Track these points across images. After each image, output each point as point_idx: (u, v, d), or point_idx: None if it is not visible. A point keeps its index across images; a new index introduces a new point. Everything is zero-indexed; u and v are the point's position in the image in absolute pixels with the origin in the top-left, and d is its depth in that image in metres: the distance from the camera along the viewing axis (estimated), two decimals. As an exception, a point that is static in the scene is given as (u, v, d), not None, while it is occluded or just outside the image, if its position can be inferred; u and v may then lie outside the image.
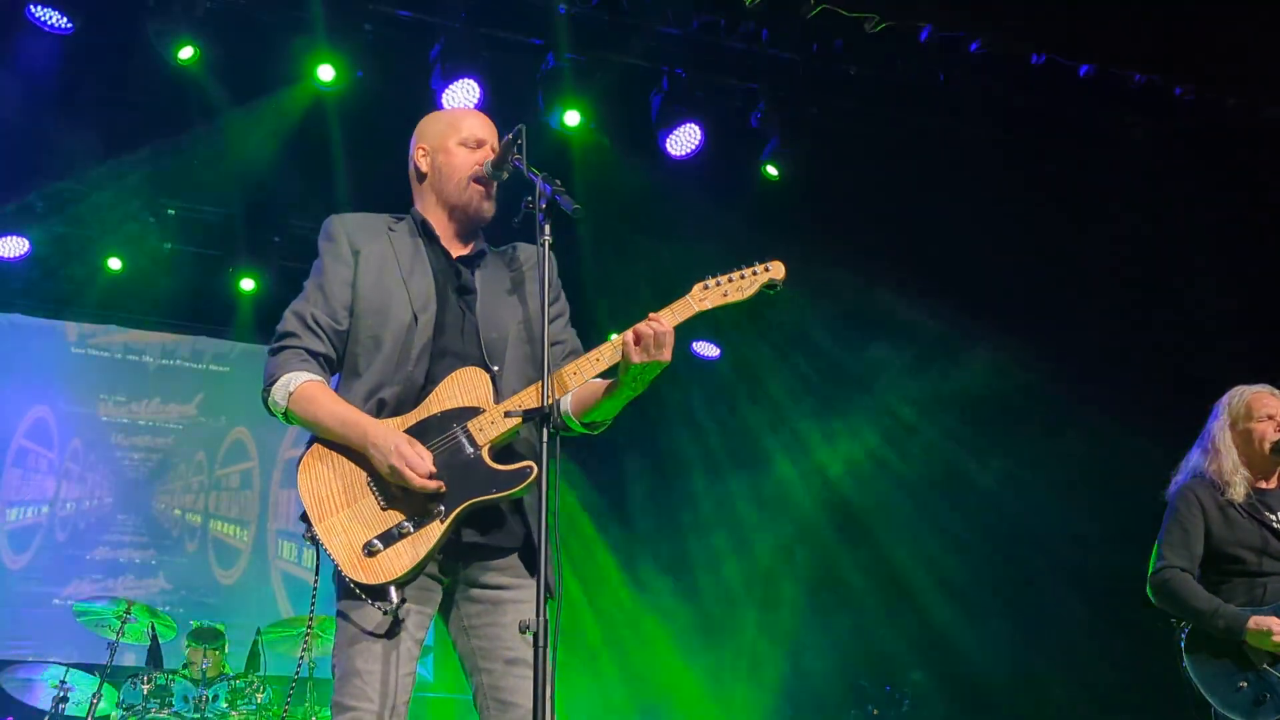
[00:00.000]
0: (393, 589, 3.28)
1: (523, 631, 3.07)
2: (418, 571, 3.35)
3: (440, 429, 3.45)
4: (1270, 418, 5.21)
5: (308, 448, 3.51)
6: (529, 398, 3.45)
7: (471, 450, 3.42)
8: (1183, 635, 5.01)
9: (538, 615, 3.07)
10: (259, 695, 6.96)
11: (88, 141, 8.39)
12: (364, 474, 3.43)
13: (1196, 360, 8.14)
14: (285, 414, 3.49)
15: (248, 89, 8.12)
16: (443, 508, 3.36)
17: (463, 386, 3.54)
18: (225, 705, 6.91)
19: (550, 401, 3.33)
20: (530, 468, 3.35)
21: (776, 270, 3.61)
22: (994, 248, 8.62)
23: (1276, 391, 5.32)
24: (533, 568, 3.48)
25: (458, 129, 3.86)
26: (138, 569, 9.65)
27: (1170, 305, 8.61)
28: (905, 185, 8.66)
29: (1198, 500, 5.26)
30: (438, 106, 7.80)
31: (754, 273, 3.61)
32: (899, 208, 8.83)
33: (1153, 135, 8.33)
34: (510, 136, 3.59)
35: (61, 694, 7.07)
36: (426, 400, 3.52)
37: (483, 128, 3.86)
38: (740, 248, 9.08)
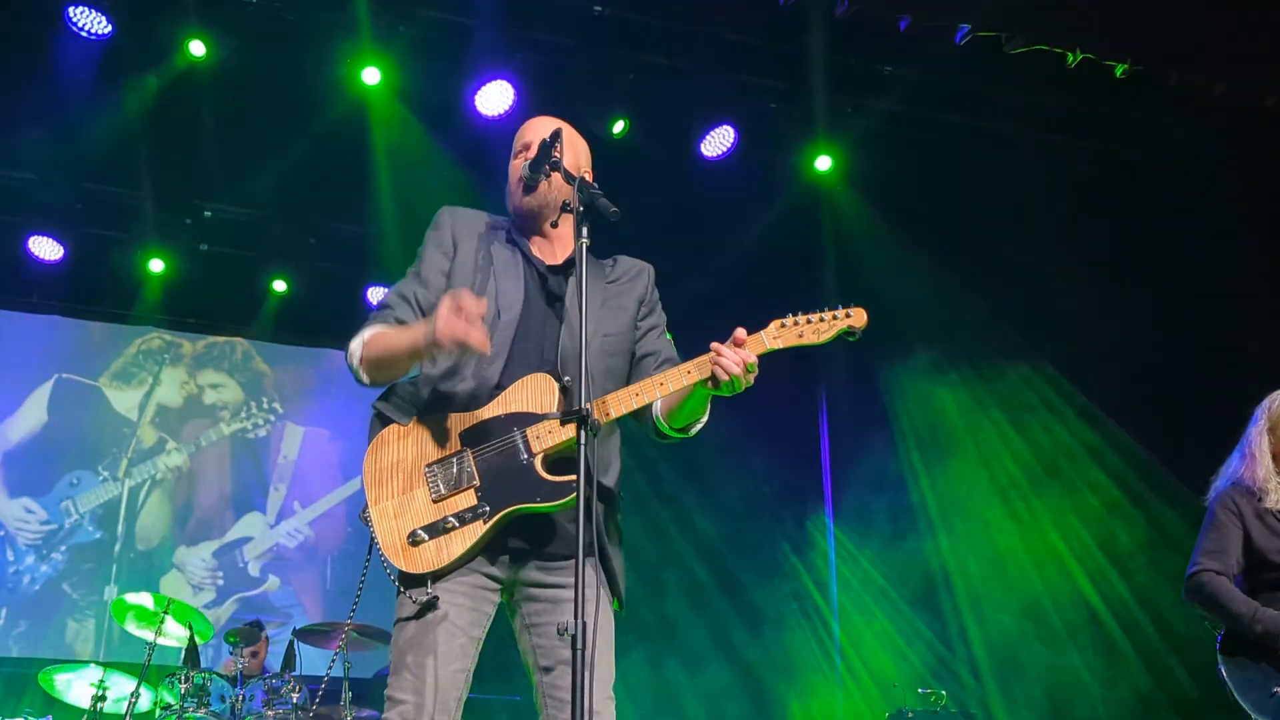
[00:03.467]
0: (429, 580, 3.36)
1: (560, 634, 3.10)
2: (455, 567, 3.41)
3: (501, 430, 3.50)
4: None
5: (382, 427, 3.61)
6: (603, 407, 3.50)
7: (525, 456, 3.46)
8: (1219, 638, 4.98)
9: (576, 617, 3.04)
10: (294, 695, 6.93)
11: (124, 143, 8.44)
12: (423, 465, 3.51)
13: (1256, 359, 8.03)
14: (361, 364, 3.56)
15: (283, 92, 8.09)
16: (488, 508, 3.41)
17: (530, 392, 3.57)
18: (262, 705, 6.91)
19: (588, 404, 3.29)
20: (574, 480, 3.28)
21: (859, 318, 3.58)
22: (1032, 245, 8.54)
23: None
24: (605, 571, 3.52)
25: (517, 139, 3.96)
26: (180, 567, 9.71)
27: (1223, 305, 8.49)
28: (941, 187, 8.61)
29: (1236, 507, 5.20)
30: (472, 109, 7.83)
31: (834, 316, 3.58)
32: (935, 209, 8.78)
33: (1192, 135, 8.24)
34: (547, 139, 3.64)
35: (100, 693, 7.10)
36: (494, 400, 3.57)
37: (528, 131, 3.94)
38: (778, 247, 9.20)
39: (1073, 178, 8.59)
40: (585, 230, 3.48)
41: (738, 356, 3.39)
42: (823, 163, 8.53)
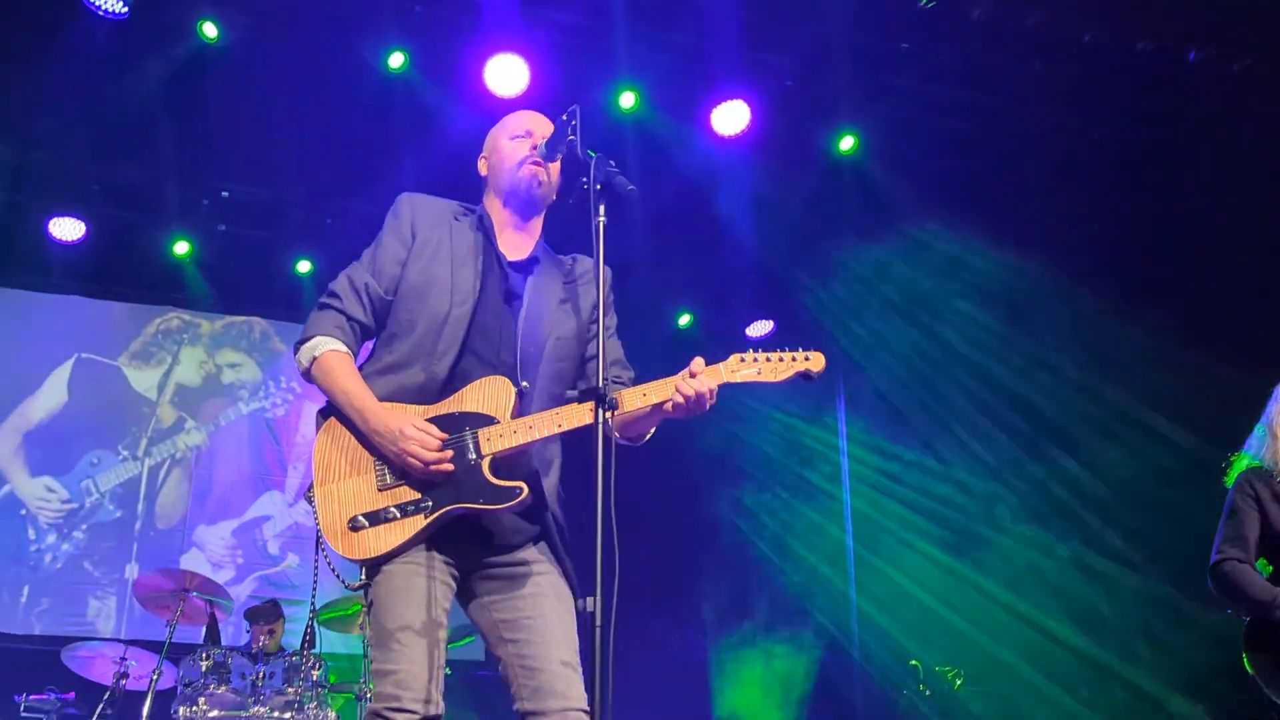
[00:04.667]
0: (362, 569, 3.43)
1: (580, 613, 3.15)
2: (390, 557, 3.45)
3: (453, 428, 3.52)
4: None
5: (333, 413, 3.62)
6: (569, 415, 3.52)
7: (474, 457, 3.48)
8: (1245, 626, 4.92)
9: (596, 594, 3.05)
10: (315, 672, 6.97)
11: (142, 125, 8.44)
12: (368, 455, 3.54)
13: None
14: (307, 373, 3.64)
15: (303, 73, 8.07)
16: (430, 504, 3.45)
17: (487, 394, 3.58)
18: (282, 682, 6.93)
19: (603, 381, 3.35)
20: (520, 489, 3.41)
21: (816, 362, 3.65)
22: (1053, 227, 8.50)
23: None
24: (551, 553, 3.63)
25: (506, 127, 3.98)
26: (199, 545, 9.75)
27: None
28: (958, 165, 8.55)
29: (1253, 491, 5.16)
30: (482, 87, 7.81)
31: (793, 358, 3.64)
32: (953, 188, 8.73)
33: (1213, 110, 8.12)
34: (564, 116, 3.65)
35: (122, 670, 7.16)
36: (450, 398, 3.58)
37: (529, 119, 3.96)
38: (796, 225, 9.14)
39: (1089, 155, 8.50)
40: (602, 209, 3.49)
41: (702, 385, 3.49)
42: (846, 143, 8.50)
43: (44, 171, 9.06)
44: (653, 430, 3.75)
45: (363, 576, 3.47)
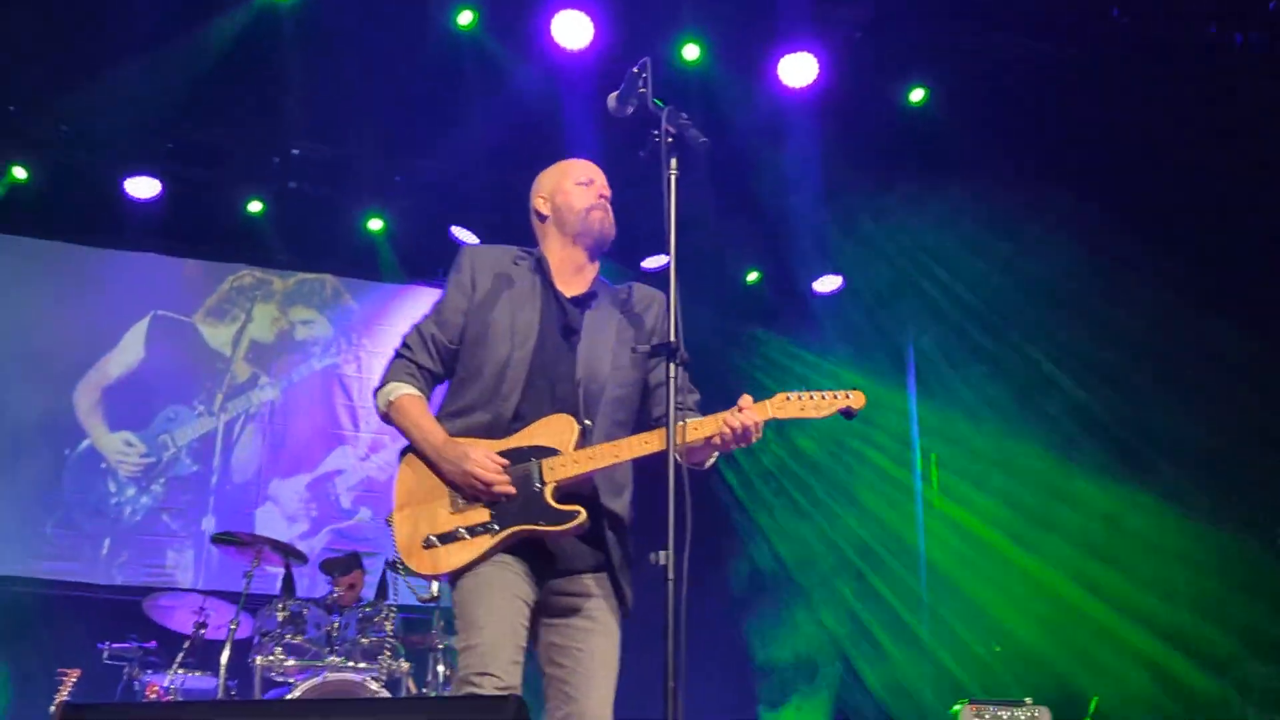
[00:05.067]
0: (433, 584, 3.65)
1: (654, 563, 3.27)
2: (460, 573, 3.70)
3: (519, 459, 3.74)
4: None
5: (411, 450, 3.93)
6: (626, 447, 3.77)
7: (538, 485, 3.69)
8: None
9: (672, 560, 3.21)
10: (388, 624, 7.05)
11: (215, 84, 8.46)
12: (443, 486, 3.79)
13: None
14: (385, 416, 3.96)
15: (372, 31, 8.03)
16: (497, 526, 3.68)
17: (551, 430, 3.80)
18: (356, 633, 7.02)
19: (678, 343, 3.46)
20: (578, 512, 3.64)
21: (857, 400, 3.83)
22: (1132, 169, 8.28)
23: None
24: (614, 585, 3.88)
25: (569, 173, 4.18)
26: (274, 499, 9.85)
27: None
28: (1030, 118, 8.40)
29: None
30: (549, 42, 7.75)
31: (834, 396, 3.83)
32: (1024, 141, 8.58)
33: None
34: (635, 69, 3.72)
35: (201, 620, 7.27)
36: (518, 434, 3.81)
37: (589, 169, 4.20)
38: (863, 178, 9.02)
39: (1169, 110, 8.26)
40: (674, 162, 3.53)
41: (749, 419, 3.69)
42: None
43: (120, 132, 9.13)
44: (713, 459, 3.90)
45: (433, 590, 3.76)
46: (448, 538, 3.73)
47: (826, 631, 9.83)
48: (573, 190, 4.12)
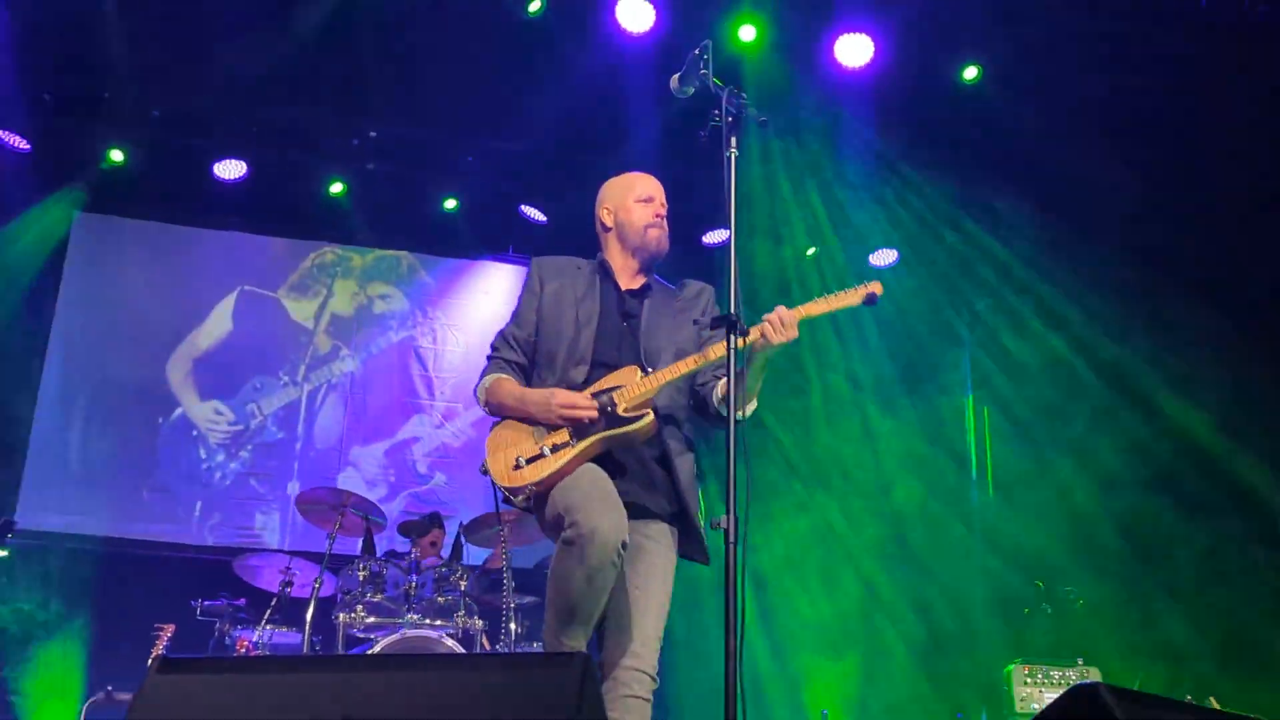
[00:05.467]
0: (524, 492, 3.97)
1: (714, 528, 3.52)
2: (550, 484, 3.93)
3: (596, 396, 4.02)
4: None
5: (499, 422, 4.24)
6: (679, 366, 4.04)
7: (610, 407, 3.95)
8: None
9: (729, 514, 3.41)
10: (462, 583, 7.15)
11: (297, 68, 8.57)
12: (529, 428, 4.06)
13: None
14: (486, 404, 4.24)
15: (447, 16, 8.08)
16: (575, 439, 3.95)
17: (619, 377, 4.08)
18: (432, 592, 7.11)
19: (737, 308, 3.68)
20: (647, 412, 3.94)
21: (877, 287, 4.04)
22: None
23: None
24: (682, 534, 4.15)
25: (632, 189, 4.43)
26: (355, 465, 9.97)
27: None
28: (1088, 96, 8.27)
29: None
30: (615, 26, 7.76)
31: (857, 289, 4.06)
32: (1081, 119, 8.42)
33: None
34: (697, 52, 3.89)
35: (287, 579, 7.41)
36: (591, 385, 4.09)
37: (652, 186, 4.46)
38: (919, 157, 8.94)
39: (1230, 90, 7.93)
40: (734, 140, 3.63)
41: (785, 313, 3.91)
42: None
43: (209, 115, 9.23)
44: (754, 403, 4.10)
45: (504, 557, 3.94)
46: (534, 458, 3.95)
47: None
48: (634, 208, 4.36)
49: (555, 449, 3.96)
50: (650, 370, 4.05)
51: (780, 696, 9.28)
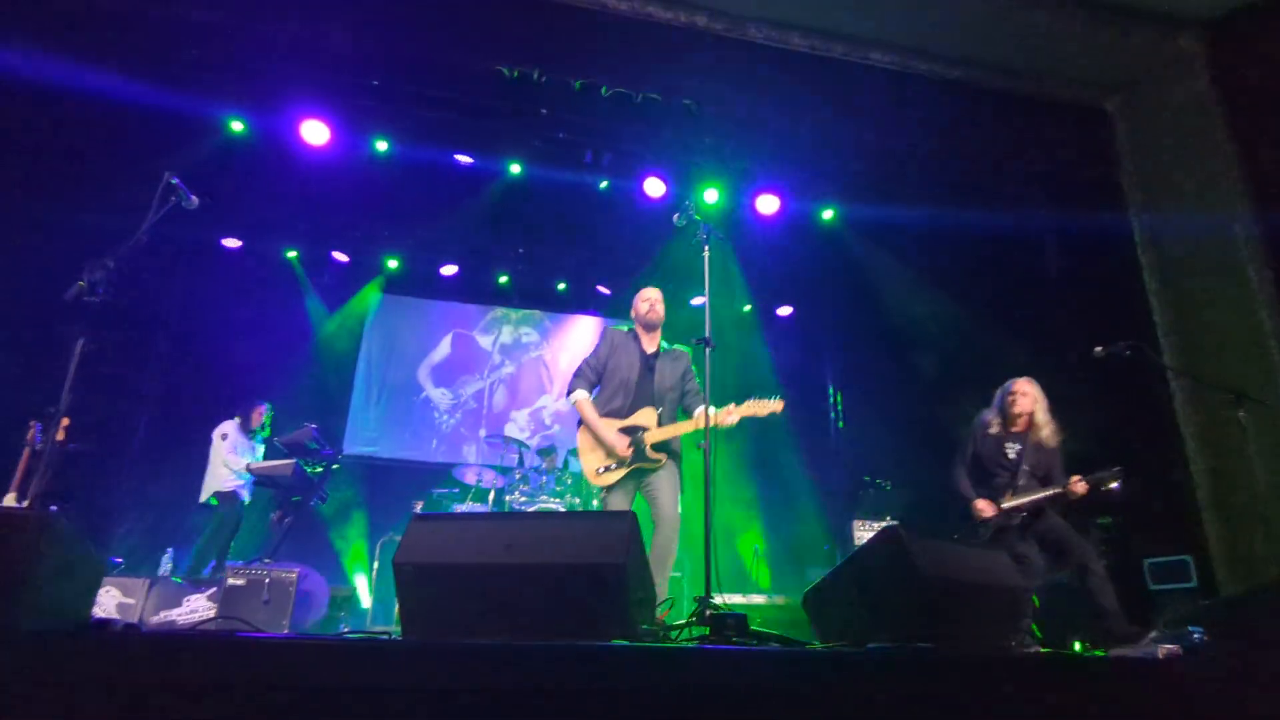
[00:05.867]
0: (605, 490, 4.05)
1: (698, 447, 3.62)
2: (615, 484, 3.98)
3: (632, 432, 4.09)
4: None
5: (584, 424, 4.19)
6: (675, 428, 4.06)
7: (641, 446, 4.02)
8: None
9: (705, 440, 3.48)
10: (567, 479, 7.13)
11: (483, 224, 8.50)
12: (600, 442, 4.07)
13: None
14: (573, 404, 4.21)
15: (553, 189, 7.90)
16: (625, 463, 4.03)
17: (644, 418, 4.11)
18: (553, 484, 7.10)
19: (709, 337, 3.67)
20: (663, 457, 3.98)
21: (779, 405, 3.93)
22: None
23: None
24: (673, 475, 4.09)
25: (640, 298, 4.47)
26: (513, 420, 9.91)
27: None
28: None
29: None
30: (643, 195, 7.70)
31: (769, 402, 3.96)
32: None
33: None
34: (687, 204, 3.93)
35: (479, 477, 7.32)
36: (630, 418, 4.11)
37: (651, 295, 4.44)
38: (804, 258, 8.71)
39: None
40: (706, 250, 3.64)
41: (724, 420, 3.91)
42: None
43: (442, 247, 9.17)
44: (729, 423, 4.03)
45: (604, 494, 4.08)
46: (604, 470, 4.00)
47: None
48: (639, 306, 4.43)
49: (610, 468, 3.98)
50: (659, 410, 4.06)
51: (725, 543, 9.05)
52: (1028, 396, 4.65)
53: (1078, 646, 4.22)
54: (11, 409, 4.56)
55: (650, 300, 4.39)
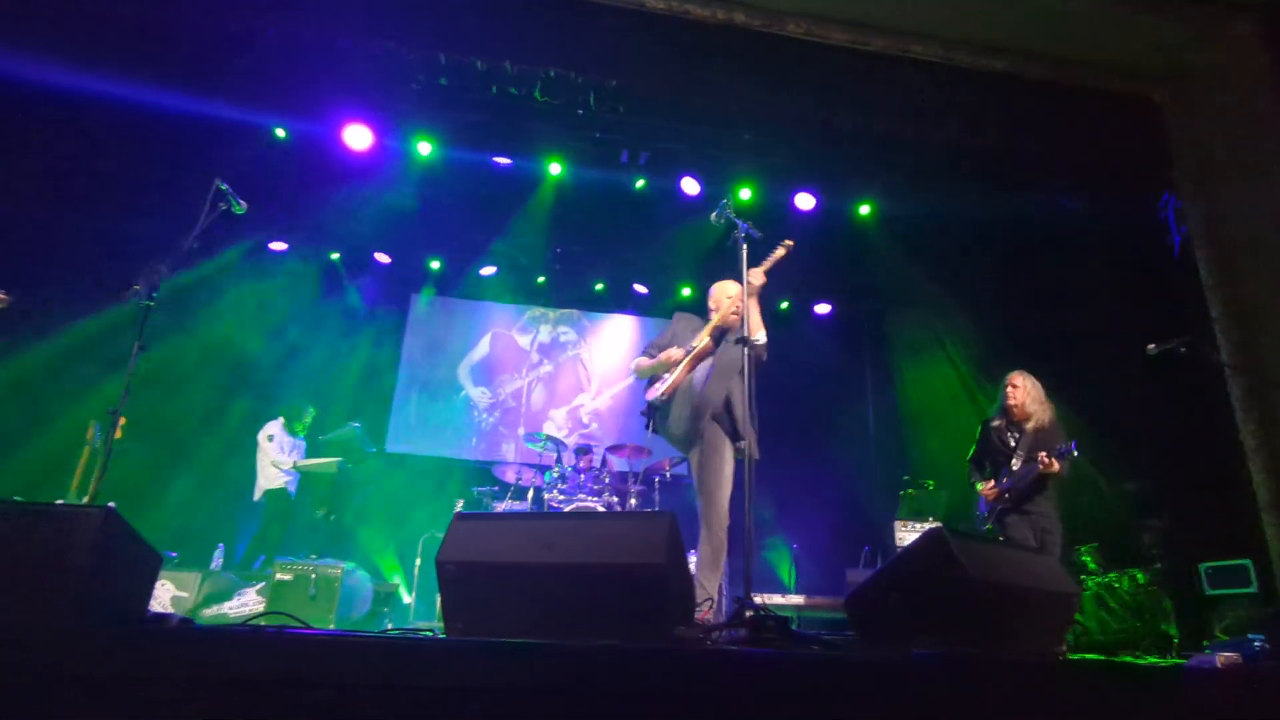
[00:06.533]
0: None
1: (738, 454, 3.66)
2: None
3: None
4: None
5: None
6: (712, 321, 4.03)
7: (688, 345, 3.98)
8: None
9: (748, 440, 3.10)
10: (605, 478, 7.12)
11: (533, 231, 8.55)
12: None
13: None
14: (637, 376, 4.15)
15: (596, 192, 8.01)
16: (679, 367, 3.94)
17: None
18: (590, 483, 7.10)
19: (748, 331, 3.58)
20: (707, 343, 3.88)
21: (787, 243, 3.86)
22: None
23: None
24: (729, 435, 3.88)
25: (723, 290, 4.30)
26: (550, 419, 9.92)
27: None
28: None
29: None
30: (682, 193, 7.66)
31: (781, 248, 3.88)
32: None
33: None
34: (724, 202, 3.82)
35: (519, 476, 7.38)
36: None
37: (728, 288, 4.28)
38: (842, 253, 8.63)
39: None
40: (745, 248, 3.58)
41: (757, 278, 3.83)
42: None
43: (475, 239, 9.20)
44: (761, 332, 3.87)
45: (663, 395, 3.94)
46: (663, 384, 3.92)
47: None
48: (721, 300, 4.24)
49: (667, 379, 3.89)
50: (744, 340, 3.71)
51: (761, 542, 8.81)
52: (1019, 389, 4.92)
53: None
54: (72, 410, 4.73)
55: (733, 298, 4.19)
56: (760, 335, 3.81)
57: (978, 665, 2.11)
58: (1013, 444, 4.82)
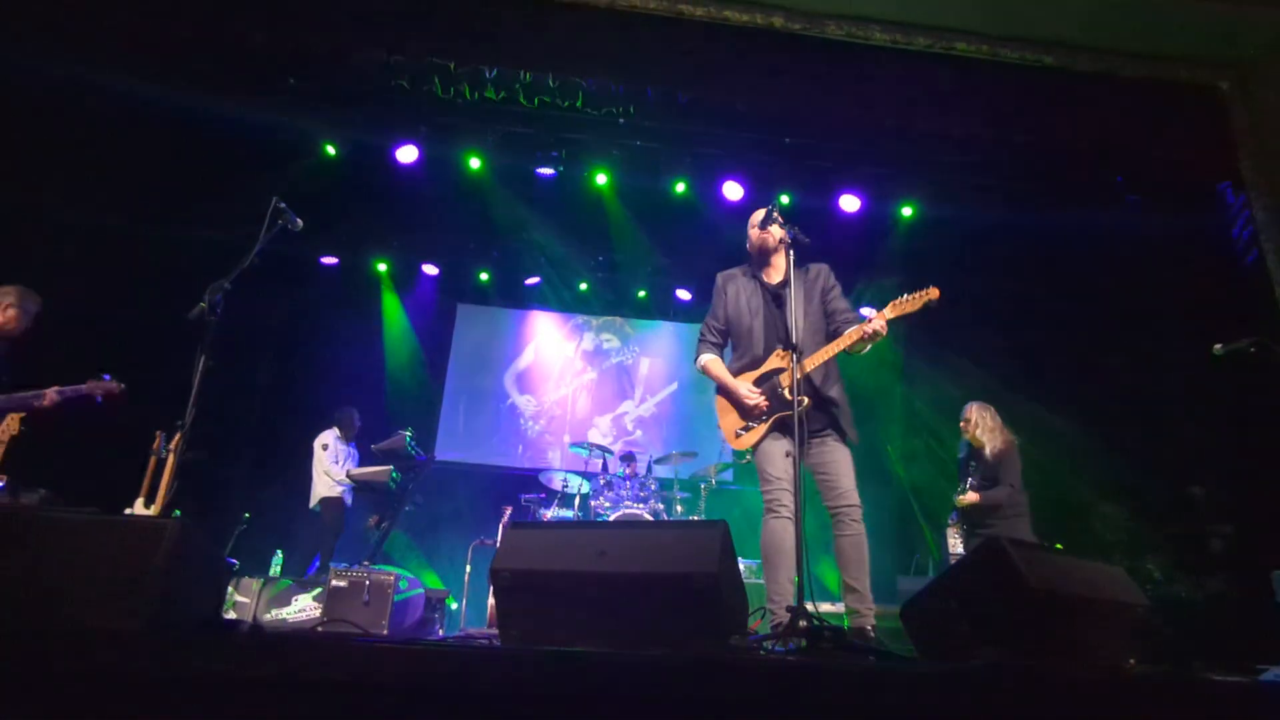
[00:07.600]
0: (748, 453, 3.65)
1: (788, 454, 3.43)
2: (755, 447, 3.59)
3: (767, 380, 3.68)
4: None
5: (719, 388, 3.83)
6: (812, 361, 3.55)
7: (780, 389, 3.62)
8: None
9: (797, 446, 3.21)
10: (652, 485, 7.15)
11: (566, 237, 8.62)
12: (737, 402, 3.71)
13: None
14: (703, 369, 3.84)
15: (638, 198, 8.02)
16: (764, 417, 3.64)
17: (778, 360, 3.69)
18: (637, 489, 7.13)
19: (797, 336, 3.46)
20: (804, 400, 3.43)
21: (933, 293, 3.42)
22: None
23: None
24: (839, 434, 3.63)
25: (752, 224, 3.99)
26: (595, 426, 9.94)
27: None
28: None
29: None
30: (724, 198, 7.65)
31: (919, 295, 3.45)
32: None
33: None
34: (770, 206, 3.77)
35: (565, 484, 7.50)
36: (763, 365, 3.72)
37: (760, 216, 3.94)
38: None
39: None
40: (793, 254, 3.55)
41: (877, 326, 3.45)
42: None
43: (526, 266, 9.30)
44: (868, 347, 3.58)
45: (749, 456, 3.66)
46: (744, 429, 3.65)
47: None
48: (754, 234, 3.94)
49: (749, 426, 3.62)
50: (799, 351, 3.46)
51: (815, 549, 8.81)
52: (969, 421, 5.32)
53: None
54: (139, 421, 4.91)
55: (760, 223, 3.86)
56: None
57: (1039, 677, 2.06)
58: (969, 469, 5.27)
